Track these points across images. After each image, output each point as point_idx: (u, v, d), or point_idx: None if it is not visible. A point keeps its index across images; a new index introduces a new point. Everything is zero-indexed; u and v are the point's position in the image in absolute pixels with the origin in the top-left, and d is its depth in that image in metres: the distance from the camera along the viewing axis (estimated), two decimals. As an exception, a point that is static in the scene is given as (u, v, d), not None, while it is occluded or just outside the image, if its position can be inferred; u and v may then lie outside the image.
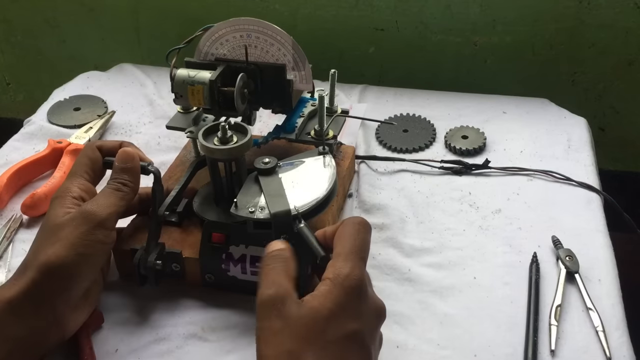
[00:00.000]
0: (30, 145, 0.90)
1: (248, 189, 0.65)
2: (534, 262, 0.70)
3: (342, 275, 0.50)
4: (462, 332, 0.64)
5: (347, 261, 0.51)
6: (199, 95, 0.69)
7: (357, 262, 0.51)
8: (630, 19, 0.99)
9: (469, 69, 1.09)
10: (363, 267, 0.52)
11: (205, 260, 0.66)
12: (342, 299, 0.49)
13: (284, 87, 0.73)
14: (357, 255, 0.52)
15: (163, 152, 0.88)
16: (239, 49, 0.72)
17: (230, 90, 0.69)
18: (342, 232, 0.54)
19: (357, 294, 0.50)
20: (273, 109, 0.76)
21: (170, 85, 0.70)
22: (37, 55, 1.26)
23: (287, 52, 0.71)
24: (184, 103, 0.71)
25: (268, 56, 0.72)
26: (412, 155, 0.87)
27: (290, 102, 0.74)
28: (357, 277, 0.50)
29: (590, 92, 1.08)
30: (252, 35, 0.71)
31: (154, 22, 1.15)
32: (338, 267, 0.51)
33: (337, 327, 0.49)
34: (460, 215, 0.78)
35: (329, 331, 0.48)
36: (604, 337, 0.62)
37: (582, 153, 0.87)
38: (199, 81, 0.69)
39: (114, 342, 0.63)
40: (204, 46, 0.73)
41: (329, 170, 0.66)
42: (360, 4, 1.05)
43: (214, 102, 0.69)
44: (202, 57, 0.74)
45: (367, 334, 0.51)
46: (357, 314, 0.50)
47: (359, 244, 0.53)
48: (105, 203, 0.61)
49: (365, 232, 0.55)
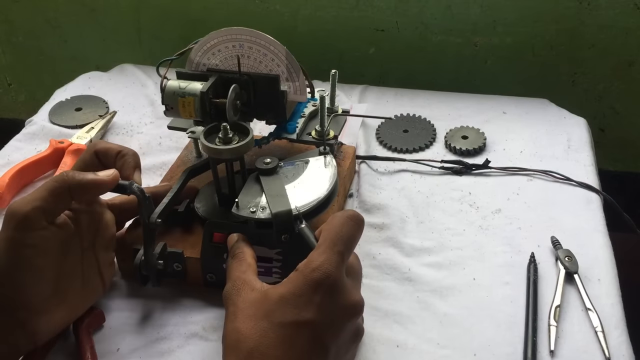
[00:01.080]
0: (32, 145, 0.91)
1: (249, 189, 0.65)
2: (531, 262, 0.70)
3: (311, 267, 0.51)
4: (462, 332, 0.64)
5: (321, 254, 0.51)
6: (190, 108, 0.67)
7: (332, 255, 0.51)
8: (630, 20, 0.99)
9: (469, 70, 1.09)
10: (338, 260, 0.51)
11: (206, 259, 0.66)
12: (302, 289, 0.50)
13: (278, 98, 0.71)
14: (333, 248, 0.52)
15: (164, 153, 0.88)
16: (231, 59, 0.70)
17: (223, 102, 0.67)
18: (329, 223, 0.54)
19: (321, 287, 0.50)
20: (267, 120, 0.74)
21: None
22: (38, 56, 1.26)
23: (281, 62, 0.70)
24: (175, 115, 0.69)
25: (261, 67, 0.70)
26: (413, 155, 0.88)
27: (284, 113, 0.72)
28: (325, 271, 0.50)
29: (590, 93, 1.08)
30: (245, 45, 0.69)
31: (155, 22, 1.15)
32: (310, 258, 0.52)
33: (287, 311, 0.50)
34: (460, 215, 0.78)
35: (277, 313, 0.50)
36: (603, 337, 0.62)
37: (582, 153, 0.87)
38: (190, 93, 0.67)
39: (116, 341, 0.64)
40: (196, 56, 0.71)
41: (329, 170, 0.67)
42: (361, 5, 1.05)
43: (206, 114, 0.67)
44: (193, 67, 0.72)
45: (326, 328, 0.51)
46: (317, 306, 0.50)
47: (341, 238, 0.53)
48: (30, 197, 0.55)
49: (352, 225, 0.54)
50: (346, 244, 0.53)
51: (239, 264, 0.58)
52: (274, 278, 0.64)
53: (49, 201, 0.56)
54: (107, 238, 0.64)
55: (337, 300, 0.51)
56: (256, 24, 0.71)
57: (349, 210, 0.56)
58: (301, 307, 0.50)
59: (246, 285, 0.54)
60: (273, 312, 0.50)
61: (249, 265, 0.58)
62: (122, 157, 0.66)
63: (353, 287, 0.53)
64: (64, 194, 0.57)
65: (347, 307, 0.52)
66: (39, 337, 0.57)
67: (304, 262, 0.52)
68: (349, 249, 0.54)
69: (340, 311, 0.52)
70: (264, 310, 0.51)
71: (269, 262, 0.64)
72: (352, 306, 0.53)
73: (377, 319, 0.65)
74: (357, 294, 0.54)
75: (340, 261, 0.52)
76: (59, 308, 0.59)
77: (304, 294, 0.50)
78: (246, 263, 0.58)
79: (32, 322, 0.56)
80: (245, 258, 0.58)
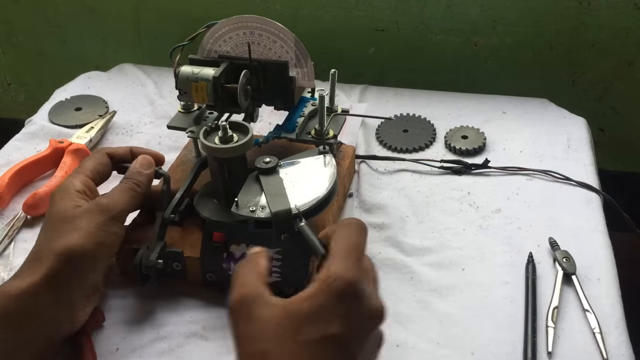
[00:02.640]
0: (32, 145, 0.91)
1: (249, 188, 0.65)
2: (530, 262, 0.70)
3: (333, 276, 0.48)
4: (462, 331, 0.64)
5: (341, 262, 0.50)
6: (203, 92, 0.69)
7: (352, 263, 0.50)
8: (630, 20, 0.99)
9: (469, 70, 1.09)
10: (358, 268, 0.50)
11: (206, 259, 0.66)
12: (326, 301, 0.48)
13: (287, 84, 0.73)
14: (350, 256, 0.51)
15: (164, 152, 0.87)
16: (242, 46, 0.72)
17: (234, 87, 0.69)
18: (338, 232, 0.54)
19: (345, 297, 0.48)
20: (275, 105, 0.77)
21: (170, 85, 0.71)
22: (38, 56, 1.26)
23: (290, 49, 0.72)
24: (188, 100, 0.72)
25: (271, 53, 0.73)
26: (412, 155, 0.88)
27: (292, 99, 0.75)
28: (349, 280, 0.48)
29: (590, 93, 1.08)
30: (255, 32, 0.72)
31: (155, 22, 1.15)
32: (331, 268, 0.49)
33: (315, 328, 0.47)
34: (460, 214, 0.78)
35: (305, 331, 0.47)
36: (601, 338, 0.62)
37: (582, 153, 0.87)
38: (203, 78, 0.69)
39: (115, 341, 0.64)
40: (207, 43, 0.73)
41: (329, 170, 0.67)
42: (361, 5, 1.05)
43: (218, 98, 0.70)
44: (205, 54, 0.74)
45: (353, 340, 0.49)
46: (342, 317, 0.48)
47: (354, 244, 0.52)
48: (120, 199, 0.63)
49: (361, 232, 0.54)
50: (361, 251, 0.52)
51: (255, 270, 0.53)
52: (273, 278, 0.64)
53: (131, 204, 0.64)
54: None
55: (362, 308, 0.49)
56: (256, 24, 0.71)
57: (353, 218, 0.55)
58: (327, 321, 0.47)
59: (260, 295, 0.50)
60: (299, 331, 0.47)
61: (263, 277, 0.53)
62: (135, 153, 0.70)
63: (373, 292, 0.52)
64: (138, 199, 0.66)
65: (371, 315, 0.50)
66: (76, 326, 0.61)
67: (323, 273, 0.49)
68: (362, 255, 0.53)
69: (365, 319, 0.50)
70: (290, 329, 0.47)
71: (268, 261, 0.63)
72: (376, 313, 0.51)
73: (376, 319, 0.65)
74: (378, 299, 0.52)
75: (359, 268, 0.50)
76: (92, 299, 0.63)
77: (328, 306, 0.48)
78: (262, 272, 0.53)
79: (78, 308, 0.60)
80: (262, 267, 0.53)
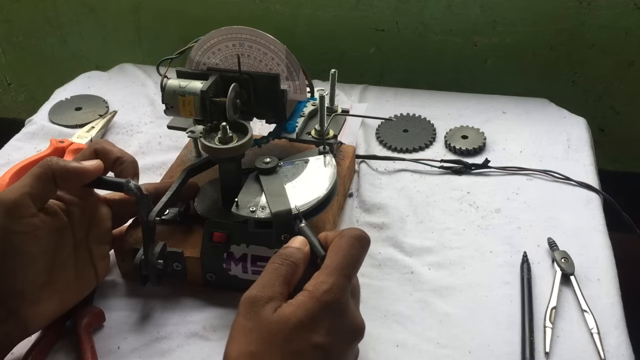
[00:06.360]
0: (32, 144, 0.91)
1: (249, 188, 0.65)
2: (524, 261, 0.70)
3: (322, 289, 0.50)
4: (462, 331, 0.64)
5: (331, 276, 0.51)
6: (191, 106, 0.67)
7: (341, 278, 0.51)
8: (630, 20, 0.99)
9: (469, 70, 1.09)
10: (347, 283, 0.51)
11: (206, 259, 0.66)
12: (315, 312, 0.49)
13: (278, 97, 0.71)
14: (342, 271, 0.51)
15: (164, 152, 0.89)
16: (231, 58, 0.70)
17: (222, 101, 0.67)
18: (336, 243, 0.54)
19: (332, 310, 0.50)
20: (267, 119, 0.74)
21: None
22: (38, 56, 1.26)
23: (281, 61, 0.70)
24: (175, 114, 0.69)
25: (261, 65, 0.70)
26: (412, 155, 0.88)
27: (284, 112, 0.72)
28: (336, 293, 0.50)
29: (590, 93, 1.08)
30: (245, 44, 0.69)
31: (155, 22, 1.15)
32: (320, 280, 0.51)
33: (304, 338, 0.48)
34: (460, 214, 0.78)
35: (295, 340, 0.48)
36: (599, 339, 0.62)
37: (582, 153, 0.87)
38: (190, 92, 0.67)
39: (116, 340, 0.64)
40: (196, 55, 0.71)
41: (329, 170, 0.67)
42: (361, 5, 1.05)
43: (206, 113, 0.67)
44: (193, 66, 0.72)
45: (335, 351, 0.50)
46: (328, 329, 0.49)
47: (348, 260, 0.52)
48: (17, 185, 0.57)
49: (359, 247, 0.54)
50: (354, 267, 0.53)
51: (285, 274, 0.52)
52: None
53: (35, 186, 0.57)
54: (101, 231, 0.64)
55: (344, 323, 0.51)
56: (256, 24, 0.71)
57: (356, 230, 0.55)
58: (317, 332, 0.49)
59: (274, 299, 0.50)
60: (290, 340, 0.48)
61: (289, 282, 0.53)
62: (121, 163, 0.66)
63: (356, 309, 0.53)
64: (49, 180, 0.58)
65: (351, 331, 0.52)
66: (31, 326, 0.58)
67: (313, 284, 0.51)
68: (355, 272, 0.53)
69: (346, 334, 0.51)
70: (281, 337, 0.48)
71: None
72: (356, 329, 0.52)
73: (377, 319, 0.65)
74: (360, 317, 0.53)
75: (348, 284, 0.52)
76: (52, 297, 0.59)
77: (321, 319, 0.49)
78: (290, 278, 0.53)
79: (24, 310, 0.56)
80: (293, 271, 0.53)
